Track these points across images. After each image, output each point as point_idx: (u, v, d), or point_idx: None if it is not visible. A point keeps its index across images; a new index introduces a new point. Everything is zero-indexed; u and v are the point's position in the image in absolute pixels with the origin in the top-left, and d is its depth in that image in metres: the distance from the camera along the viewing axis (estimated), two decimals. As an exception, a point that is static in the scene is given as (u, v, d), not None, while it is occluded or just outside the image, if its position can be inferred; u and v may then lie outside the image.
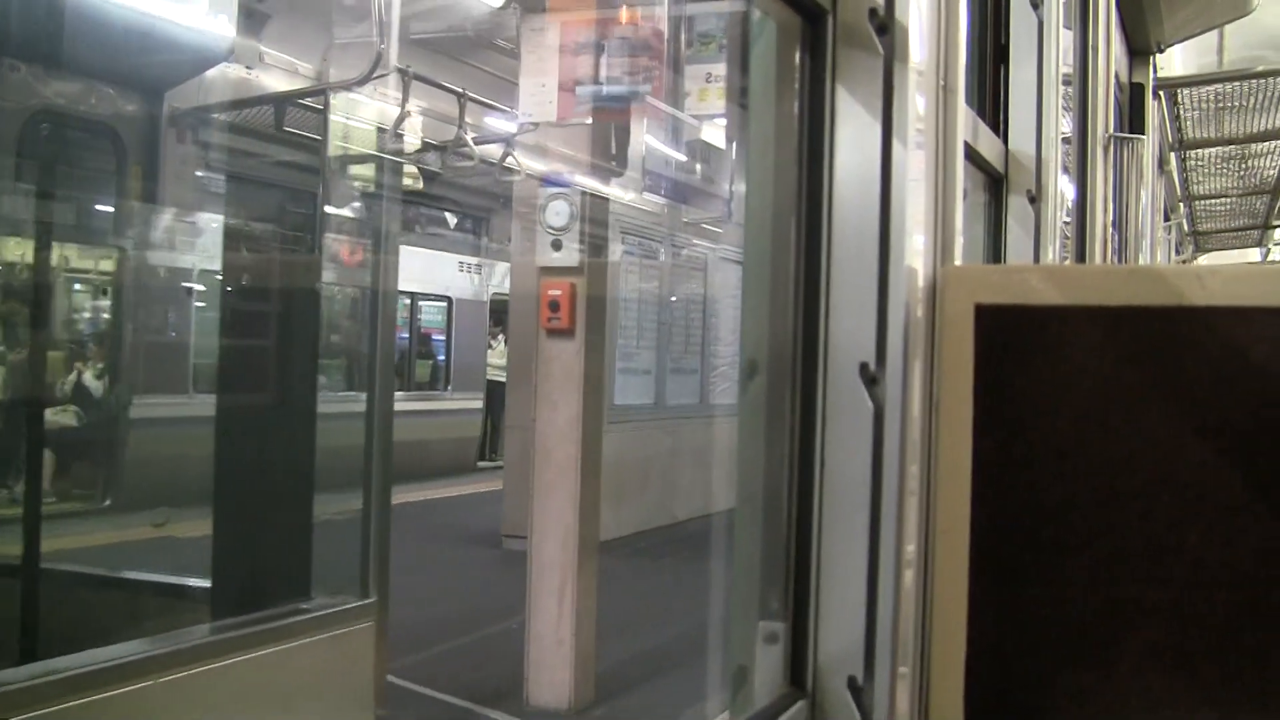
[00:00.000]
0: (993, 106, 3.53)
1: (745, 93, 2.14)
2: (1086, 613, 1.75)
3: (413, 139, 11.22)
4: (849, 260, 1.88)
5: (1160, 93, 8.77)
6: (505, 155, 9.93)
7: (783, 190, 1.97)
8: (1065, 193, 4.66)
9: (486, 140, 10.89)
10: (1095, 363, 1.75)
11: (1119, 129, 6.80)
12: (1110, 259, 5.40)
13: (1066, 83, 4.56)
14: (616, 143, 8.07)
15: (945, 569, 1.80)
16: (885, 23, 1.87)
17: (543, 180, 8.36)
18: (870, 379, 1.84)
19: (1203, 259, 19.81)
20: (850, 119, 1.89)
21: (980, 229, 3.42)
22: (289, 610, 4.04)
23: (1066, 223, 4.79)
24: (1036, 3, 3.56)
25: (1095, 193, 4.80)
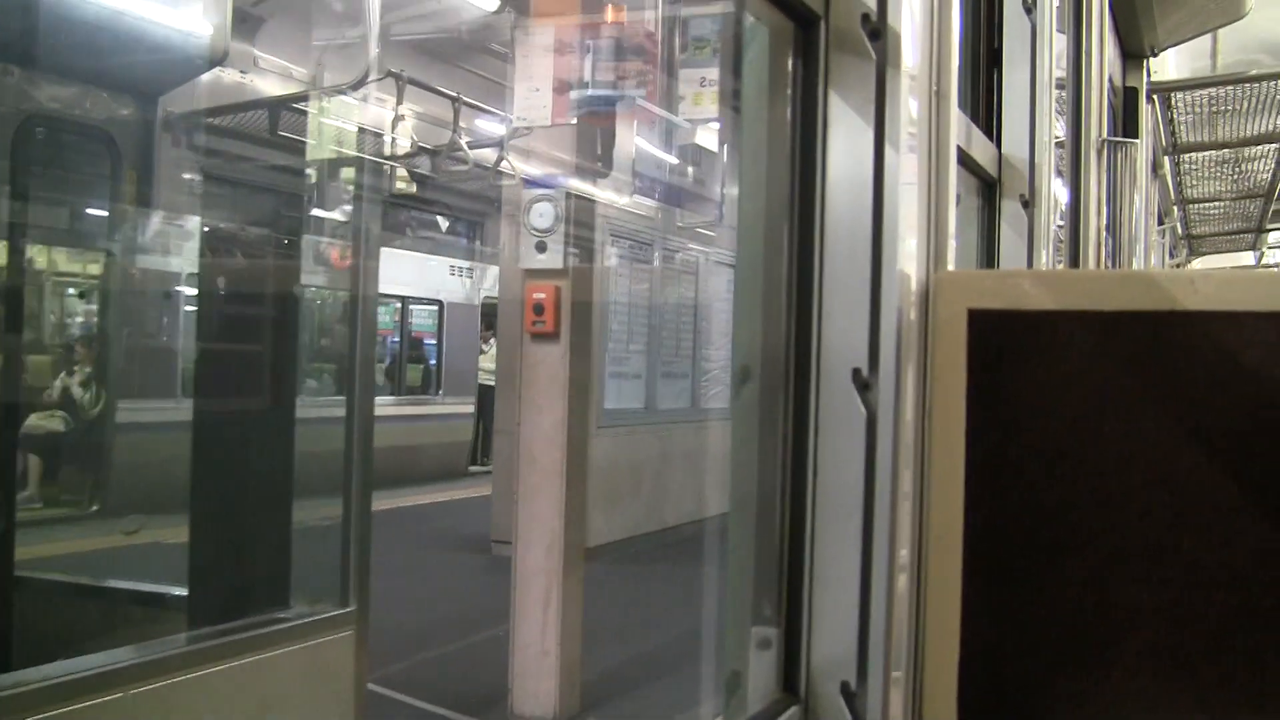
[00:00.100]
0: (986, 111, 3.54)
1: (738, 97, 2.14)
2: (1081, 616, 1.75)
3: (405, 143, 11.24)
4: (841, 265, 1.88)
5: (1154, 96, 8.79)
6: (499, 160, 9.90)
7: (775, 196, 1.97)
8: (1059, 197, 4.67)
9: (479, 145, 10.88)
10: (1089, 367, 1.75)
11: (1113, 133, 6.81)
12: (1104, 263, 5.41)
13: (1060, 87, 4.57)
14: (606, 145, 8.05)
15: (939, 573, 1.80)
16: (878, 28, 1.87)
17: (526, 182, 8.29)
18: (863, 384, 1.84)
19: (1197, 262, 19.86)
20: (843, 124, 1.89)
21: (974, 233, 3.42)
22: (267, 619, 4.01)
23: (1060, 226, 4.79)
24: (1029, 7, 3.56)
25: (1089, 197, 4.81)
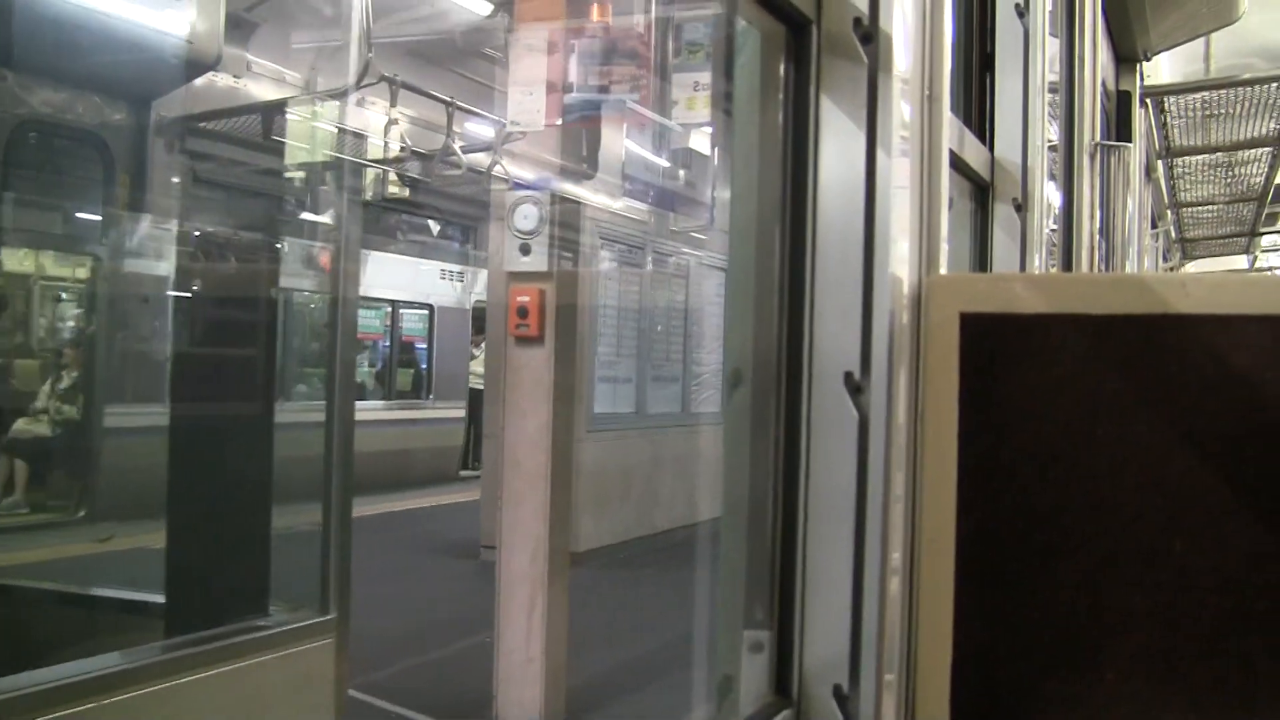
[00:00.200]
0: (978, 115, 3.54)
1: (731, 100, 2.15)
2: (1074, 619, 1.75)
3: (397, 147, 11.23)
4: (833, 269, 1.88)
5: (1147, 100, 8.80)
6: (493, 164, 9.87)
7: (767, 199, 1.97)
8: (1052, 201, 4.67)
9: (472, 149, 10.87)
10: (1081, 370, 1.75)
11: (1106, 137, 6.81)
12: (1097, 266, 5.41)
13: (1053, 91, 4.58)
14: (596, 148, 8.00)
15: (931, 576, 1.80)
16: (869, 32, 1.88)
17: (511, 184, 8.20)
18: (855, 388, 1.84)
19: (1190, 266, 19.88)
20: (835, 128, 1.90)
21: (966, 237, 3.43)
22: (245, 627, 3.98)
23: (1053, 230, 4.80)
24: (1022, 11, 3.57)
25: (1082, 200, 4.82)
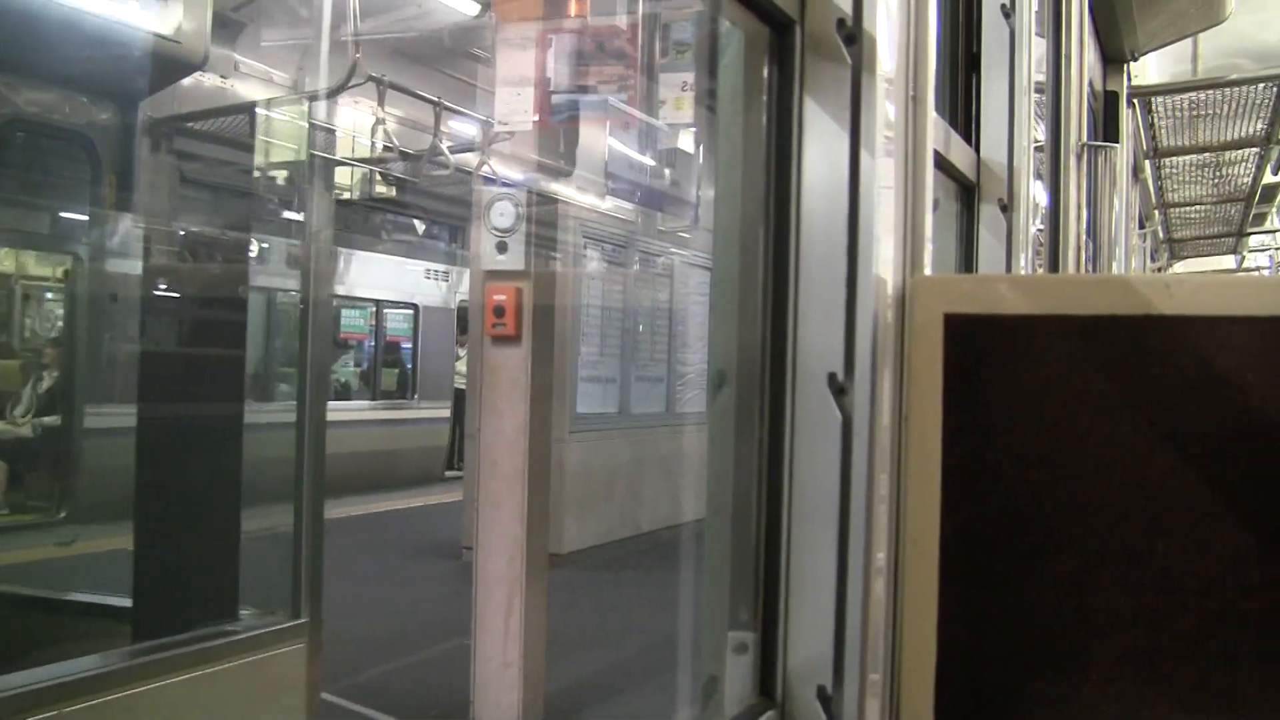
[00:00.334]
0: (964, 115, 3.55)
1: (716, 100, 2.15)
2: (1058, 619, 1.75)
3: (385, 147, 11.21)
4: (817, 270, 1.88)
5: (1134, 101, 8.83)
6: (481, 164, 9.84)
7: (751, 201, 1.97)
8: (1038, 201, 4.68)
9: (460, 149, 10.85)
10: (1065, 372, 1.76)
11: (1093, 137, 6.83)
12: (1084, 267, 5.42)
13: (1039, 91, 4.58)
14: (581, 147, 7.96)
15: (916, 577, 1.80)
16: (853, 33, 1.88)
17: (486, 180, 8.10)
18: (839, 389, 1.84)
19: (1178, 266, 19.94)
20: (818, 129, 1.90)
21: (952, 238, 3.43)
22: (215, 632, 3.93)
23: (1040, 230, 4.80)
24: (1008, 12, 3.57)
25: (1068, 201, 4.82)
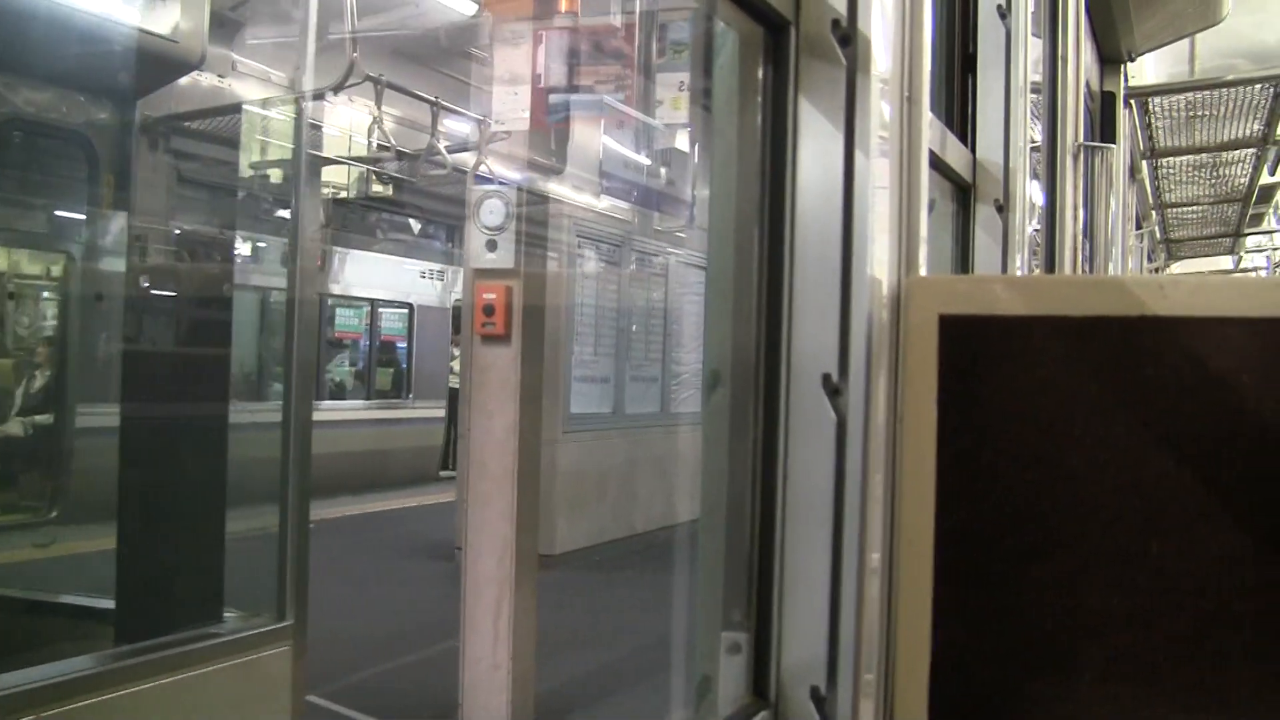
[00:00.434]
0: (960, 116, 3.55)
1: (712, 100, 2.15)
2: (1052, 620, 1.76)
3: (378, 144, 11.20)
4: (811, 270, 1.88)
5: (1131, 101, 8.83)
6: (478, 164, 9.81)
7: (745, 202, 1.97)
8: (1034, 201, 4.68)
9: (456, 149, 10.84)
10: (1060, 372, 1.76)
11: (1090, 137, 6.83)
12: (1080, 267, 5.42)
13: (1036, 92, 4.58)
14: (576, 146, 7.92)
15: (910, 577, 1.80)
16: (848, 34, 1.88)
17: (479, 179, 8.05)
18: (833, 390, 1.84)
19: (1175, 266, 19.95)
20: (813, 130, 1.90)
21: (948, 238, 3.43)
22: (199, 634, 3.89)
23: (1037, 230, 4.80)
24: (1004, 12, 3.57)
25: (1065, 201, 4.82)
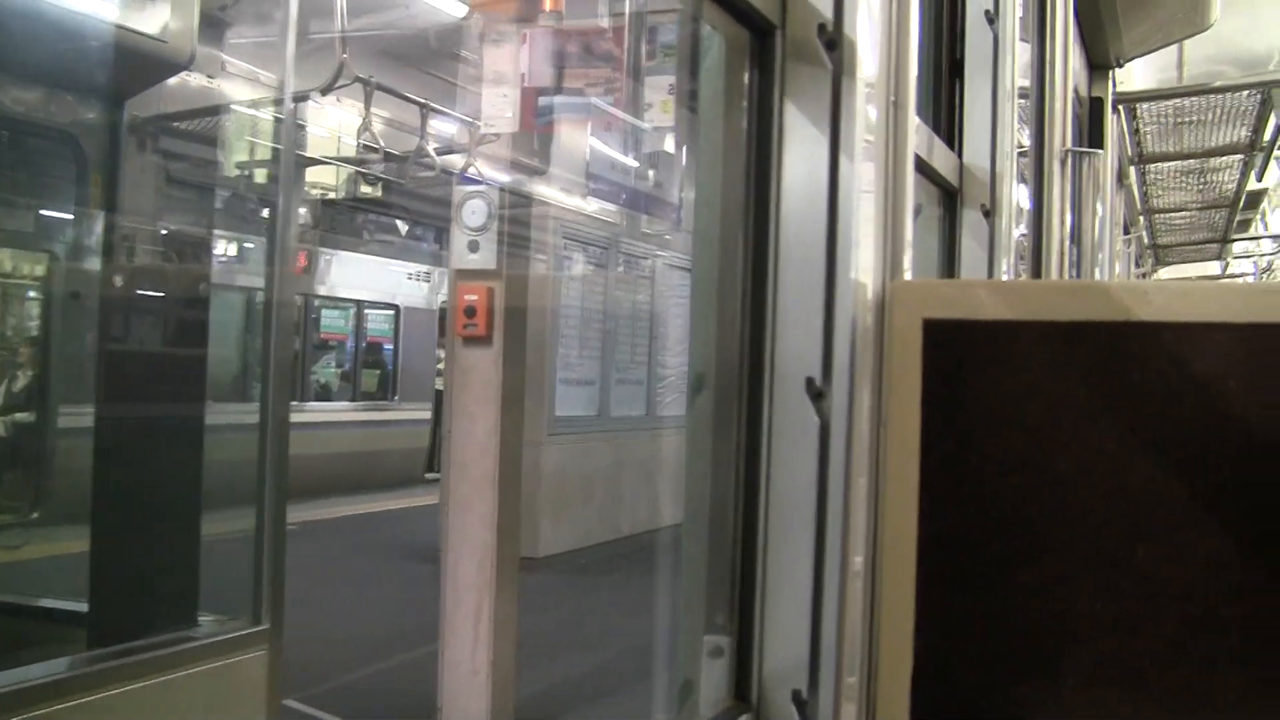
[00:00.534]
0: (948, 121, 3.55)
1: (698, 103, 2.15)
2: (1036, 624, 1.75)
3: (368, 147, 11.21)
4: (795, 274, 1.88)
5: (1120, 107, 8.85)
6: (467, 165, 9.79)
7: (731, 205, 1.98)
8: (1022, 206, 4.68)
9: (445, 151, 10.85)
10: (1046, 377, 1.76)
11: (1078, 143, 6.85)
12: (1067, 272, 5.43)
13: (1024, 97, 4.59)
14: (562, 147, 7.89)
15: (893, 581, 1.80)
16: (834, 38, 1.88)
17: (463, 179, 7.99)
18: (816, 393, 1.84)
19: (1163, 272, 20.00)
20: (799, 134, 1.90)
21: (934, 243, 3.44)
22: (173, 638, 3.83)
23: (1024, 235, 4.81)
24: (992, 18, 3.58)
25: (1052, 206, 4.82)
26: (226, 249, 5.32)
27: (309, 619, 4.34)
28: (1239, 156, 11.22)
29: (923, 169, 2.95)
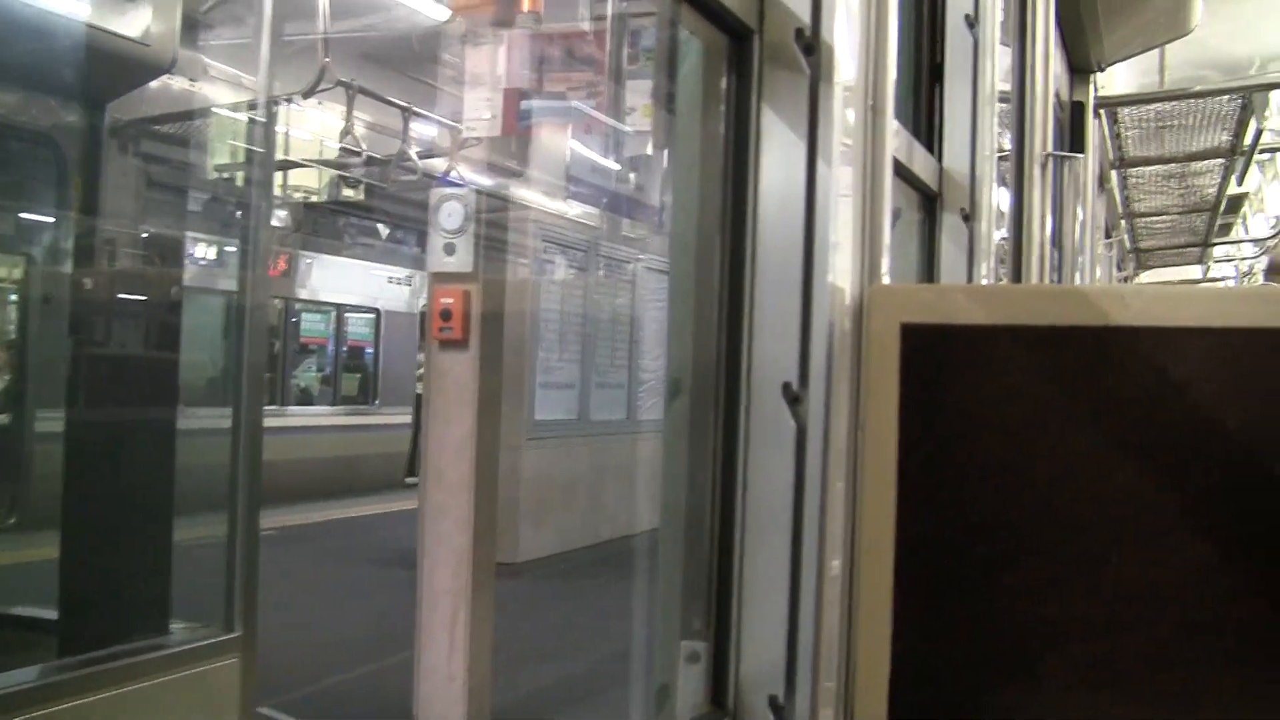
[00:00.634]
0: (927, 125, 3.55)
1: (676, 107, 2.15)
2: (1016, 629, 1.75)
3: (347, 151, 11.18)
4: (772, 279, 1.88)
5: (1101, 111, 8.86)
6: (449, 169, 9.79)
7: (708, 210, 1.97)
8: (1002, 210, 4.68)
9: (427, 155, 10.84)
10: (1023, 382, 1.76)
11: (1059, 147, 6.85)
12: (1048, 276, 5.44)
13: (1004, 100, 4.59)
14: (543, 151, 7.87)
15: (870, 585, 1.80)
16: (811, 43, 1.88)
17: (437, 179, 7.93)
18: (793, 398, 1.84)
19: (1144, 276, 20.05)
20: (776, 139, 1.90)
21: (914, 247, 3.44)
22: (144, 646, 3.81)
23: (1004, 239, 4.81)
24: (972, 22, 3.58)
25: (1032, 210, 4.83)
26: (205, 252, 5.28)
27: (286, 625, 4.30)
28: (1220, 161, 11.25)
29: (902, 173, 2.94)
